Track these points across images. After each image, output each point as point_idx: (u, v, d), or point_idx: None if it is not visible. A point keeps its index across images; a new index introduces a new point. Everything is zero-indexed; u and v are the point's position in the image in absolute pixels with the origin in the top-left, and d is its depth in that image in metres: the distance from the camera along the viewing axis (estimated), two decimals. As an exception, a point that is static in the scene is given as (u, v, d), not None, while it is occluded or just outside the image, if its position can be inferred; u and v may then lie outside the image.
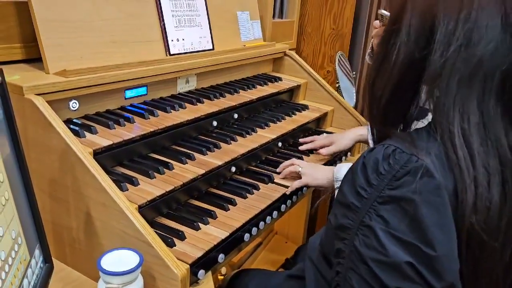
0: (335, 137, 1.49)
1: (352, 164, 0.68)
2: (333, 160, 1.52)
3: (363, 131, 1.48)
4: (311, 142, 1.51)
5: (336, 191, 1.10)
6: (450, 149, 0.58)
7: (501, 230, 0.58)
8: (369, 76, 0.71)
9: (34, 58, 1.12)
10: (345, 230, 0.63)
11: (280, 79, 1.80)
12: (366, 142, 1.49)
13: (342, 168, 1.20)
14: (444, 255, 0.57)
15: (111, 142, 1.03)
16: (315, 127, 1.76)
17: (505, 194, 0.58)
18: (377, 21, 1.10)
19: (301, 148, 1.51)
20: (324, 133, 1.63)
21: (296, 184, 1.26)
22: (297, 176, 1.29)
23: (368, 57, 1.19)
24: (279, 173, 1.34)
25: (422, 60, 0.62)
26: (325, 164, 1.42)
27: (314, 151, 1.51)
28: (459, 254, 0.59)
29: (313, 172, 1.27)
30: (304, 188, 1.32)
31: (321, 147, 1.48)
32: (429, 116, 0.65)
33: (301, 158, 1.45)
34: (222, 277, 1.53)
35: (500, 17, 0.58)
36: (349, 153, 1.63)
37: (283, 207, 1.24)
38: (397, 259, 0.57)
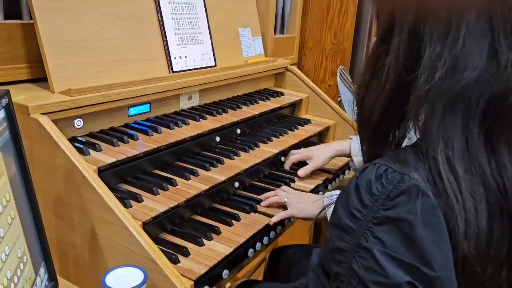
0: (312, 152, 1.46)
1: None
2: (325, 185, 1.47)
3: (343, 146, 1.45)
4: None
5: (328, 217, 1.07)
6: (436, 176, 0.57)
7: (490, 258, 0.57)
8: (358, 95, 0.69)
9: (39, 78, 1.14)
10: (342, 253, 0.61)
11: (282, 94, 1.81)
12: (346, 155, 1.46)
13: (333, 197, 1.14)
14: (443, 275, 0.56)
15: (115, 159, 1.04)
16: (318, 141, 1.77)
17: (492, 222, 0.57)
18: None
19: (285, 167, 1.49)
20: (302, 148, 1.55)
21: (282, 215, 1.19)
22: (284, 206, 1.24)
23: None
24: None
25: (409, 83, 0.60)
26: (316, 188, 1.41)
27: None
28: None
29: (299, 204, 1.21)
30: None
31: (298, 161, 1.46)
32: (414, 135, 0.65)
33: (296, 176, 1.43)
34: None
35: (487, 43, 0.57)
36: (337, 178, 1.56)
37: (286, 221, 1.24)
38: (398, 280, 0.56)
